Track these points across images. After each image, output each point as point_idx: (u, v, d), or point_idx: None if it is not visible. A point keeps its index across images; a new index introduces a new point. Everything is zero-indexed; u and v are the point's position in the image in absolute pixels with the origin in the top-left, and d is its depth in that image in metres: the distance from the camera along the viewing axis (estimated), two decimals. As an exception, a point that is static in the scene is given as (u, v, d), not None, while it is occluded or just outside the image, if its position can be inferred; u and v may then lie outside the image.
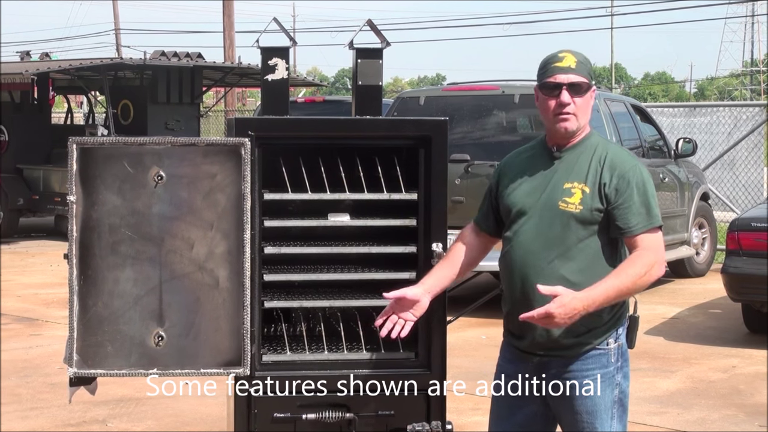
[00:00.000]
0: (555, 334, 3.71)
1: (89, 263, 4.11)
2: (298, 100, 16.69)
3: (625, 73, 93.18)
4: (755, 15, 72.53)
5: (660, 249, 3.68)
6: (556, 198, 3.71)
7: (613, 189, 3.67)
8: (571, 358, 3.75)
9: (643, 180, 3.70)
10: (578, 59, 3.76)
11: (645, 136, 11.89)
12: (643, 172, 3.71)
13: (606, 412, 3.77)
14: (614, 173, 3.69)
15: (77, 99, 27.62)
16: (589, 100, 3.78)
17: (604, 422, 3.77)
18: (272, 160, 4.44)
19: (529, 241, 3.73)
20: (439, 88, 11.64)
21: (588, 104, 3.78)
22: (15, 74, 17.05)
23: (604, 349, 3.76)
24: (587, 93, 3.75)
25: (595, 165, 3.72)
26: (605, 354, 3.76)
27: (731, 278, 8.93)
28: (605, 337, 3.77)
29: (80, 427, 6.59)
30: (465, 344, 8.48)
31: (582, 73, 3.74)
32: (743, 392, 7.46)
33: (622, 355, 3.82)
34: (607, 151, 3.75)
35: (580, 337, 3.72)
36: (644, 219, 3.66)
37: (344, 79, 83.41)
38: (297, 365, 4.39)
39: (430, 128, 4.38)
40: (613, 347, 3.78)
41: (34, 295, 11.60)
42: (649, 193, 3.69)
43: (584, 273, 3.66)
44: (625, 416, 3.86)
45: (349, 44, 4.61)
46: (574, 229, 3.68)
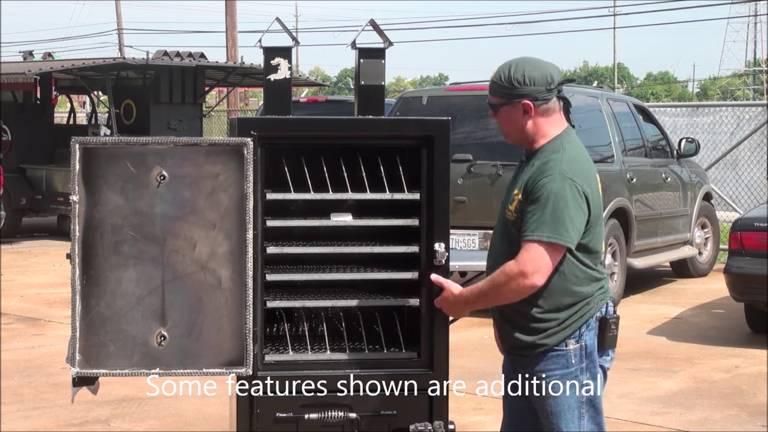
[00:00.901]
0: (511, 334, 3.88)
1: (92, 263, 4.11)
2: (301, 99, 16.70)
3: (628, 72, 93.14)
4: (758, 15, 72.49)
5: (531, 262, 3.69)
6: (506, 204, 3.90)
7: (527, 195, 3.77)
8: (533, 359, 3.85)
9: (548, 193, 3.71)
10: (494, 77, 3.89)
11: (648, 136, 11.89)
12: (553, 186, 3.72)
13: (570, 413, 3.82)
14: (532, 181, 3.78)
15: (80, 99, 27.61)
16: (508, 117, 3.87)
17: (569, 423, 3.82)
18: (275, 160, 4.44)
19: (493, 245, 3.98)
20: (442, 88, 11.64)
21: (505, 121, 3.88)
22: (18, 74, 17.07)
23: (563, 350, 3.81)
24: (501, 110, 3.87)
25: (531, 172, 3.82)
26: (564, 355, 3.81)
27: (734, 278, 8.93)
28: (563, 338, 3.81)
29: (83, 426, 6.60)
30: (467, 344, 8.48)
31: (493, 92, 3.89)
32: (746, 392, 7.46)
33: (587, 356, 3.83)
34: (546, 161, 3.81)
35: (535, 336, 3.81)
36: (532, 228, 3.70)
37: (347, 79, 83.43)
38: (299, 365, 4.39)
39: (432, 128, 4.38)
40: (573, 348, 3.81)
41: (36, 294, 11.60)
42: (549, 206, 3.70)
43: None
44: (599, 417, 3.87)
45: (351, 44, 4.61)
46: (513, 235, 3.83)
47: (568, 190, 3.73)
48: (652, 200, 11.42)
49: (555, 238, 3.69)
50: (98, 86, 18.78)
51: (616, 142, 10.90)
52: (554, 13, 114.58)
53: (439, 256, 4.32)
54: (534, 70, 3.85)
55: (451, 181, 4.45)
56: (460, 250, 9.76)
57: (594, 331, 3.83)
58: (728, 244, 9.37)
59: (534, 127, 3.86)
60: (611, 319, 3.83)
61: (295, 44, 4.59)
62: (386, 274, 4.49)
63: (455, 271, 10.38)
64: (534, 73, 3.83)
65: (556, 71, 3.89)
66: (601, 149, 10.82)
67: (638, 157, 11.51)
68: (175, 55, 17.10)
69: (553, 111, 3.88)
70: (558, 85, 3.87)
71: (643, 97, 65.23)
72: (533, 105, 3.83)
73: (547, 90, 3.84)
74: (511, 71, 3.84)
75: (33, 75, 16.92)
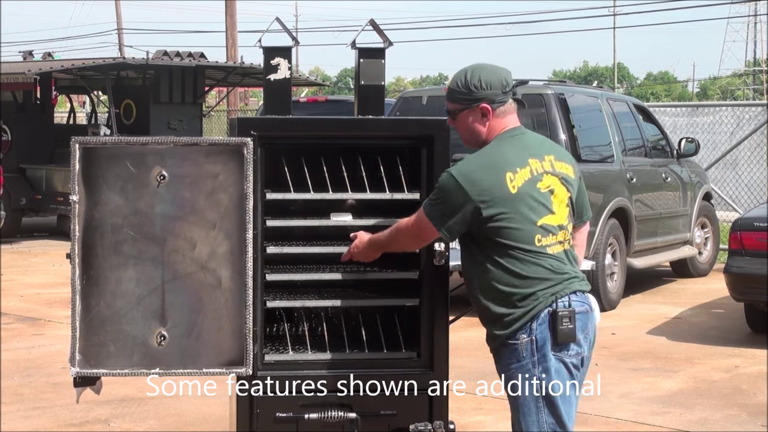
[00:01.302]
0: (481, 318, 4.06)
1: (92, 263, 4.11)
2: (301, 99, 16.69)
3: (628, 72, 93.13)
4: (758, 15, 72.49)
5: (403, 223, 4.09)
6: None
7: None
8: (494, 353, 4.02)
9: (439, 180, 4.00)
10: (450, 84, 4.07)
11: (647, 135, 11.89)
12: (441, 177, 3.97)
13: (527, 407, 3.89)
14: None
15: (80, 99, 27.61)
16: (467, 118, 4.03)
17: (527, 416, 3.89)
18: (275, 160, 4.44)
19: None
20: (442, 88, 11.63)
21: (466, 122, 4.04)
22: (18, 74, 17.06)
23: (515, 343, 3.90)
24: (461, 114, 4.03)
25: None
26: (516, 348, 3.90)
27: (734, 278, 8.93)
28: (514, 330, 3.89)
29: (83, 426, 6.59)
30: (467, 344, 8.48)
31: (451, 99, 4.07)
32: (746, 392, 7.46)
33: (538, 349, 3.87)
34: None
35: (489, 325, 3.98)
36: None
37: (347, 79, 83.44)
38: (299, 365, 4.39)
39: (432, 128, 4.39)
40: (524, 341, 3.88)
41: (36, 294, 11.60)
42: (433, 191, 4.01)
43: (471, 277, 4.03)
44: (558, 410, 3.88)
45: (351, 44, 4.61)
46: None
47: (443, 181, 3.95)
48: (652, 200, 11.42)
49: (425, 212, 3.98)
50: (98, 86, 18.77)
51: (616, 142, 10.90)
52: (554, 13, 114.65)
53: (439, 255, 4.32)
54: (489, 75, 4.00)
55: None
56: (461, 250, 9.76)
57: (545, 325, 3.86)
58: (728, 244, 9.36)
59: (488, 130, 4.02)
60: (562, 312, 3.85)
61: (295, 44, 4.59)
62: (386, 274, 4.50)
63: (455, 271, 10.39)
64: (490, 78, 3.99)
65: (510, 75, 4.05)
66: (601, 149, 10.82)
67: (638, 157, 11.51)
68: (175, 55, 17.10)
69: (508, 112, 4.03)
70: (512, 88, 4.02)
71: (643, 97, 65.24)
72: (491, 108, 3.98)
73: (503, 92, 3.99)
74: (468, 77, 4.00)
75: (33, 75, 16.91)
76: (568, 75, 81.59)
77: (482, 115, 3.98)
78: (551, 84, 10.77)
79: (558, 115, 10.00)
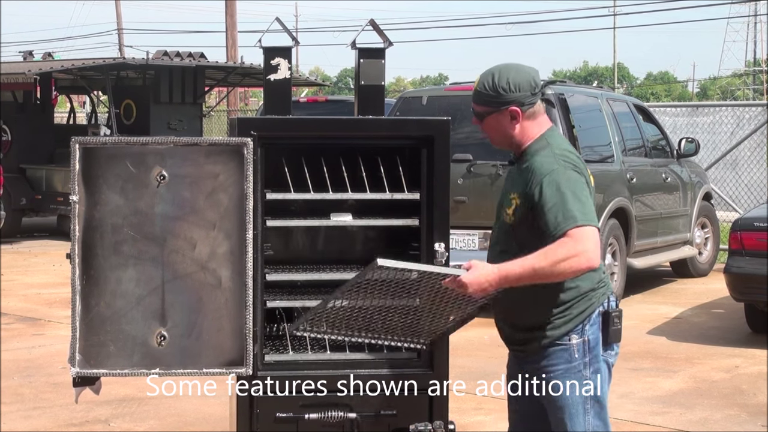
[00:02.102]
0: (510, 332, 3.89)
1: (92, 263, 4.11)
2: (301, 99, 16.69)
3: (628, 72, 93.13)
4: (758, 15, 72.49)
5: (583, 242, 3.64)
6: (503, 207, 3.90)
7: (533, 196, 3.75)
8: (534, 354, 3.85)
9: (558, 183, 3.72)
10: (477, 86, 3.88)
11: (647, 135, 11.89)
12: (559, 176, 3.73)
13: (575, 408, 3.81)
14: (534, 180, 3.76)
15: (80, 99, 27.61)
16: (496, 121, 3.86)
17: (574, 418, 3.81)
18: (275, 160, 4.44)
19: (491, 247, 3.96)
20: (442, 88, 11.64)
21: (495, 124, 3.87)
22: (18, 74, 17.06)
23: (565, 345, 3.81)
24: (487, 119, 3.87)
25: (526, 175, 3.81)
26: (567, 349, 3.81)
27: (734, 278, 8.93)
28: (566, 331, 3.81)
29: (83, 426, 6.59)
30: (467, 344, 8.48)
31: (477, 101, 3.88)
32: (746, 392, 7.46)
33: (590, 350, 3.83)
34: (535, 160, 3.82)
35: (534, 332, 3.82)
36: (562, 221, 3.67)
37: (347, 79, 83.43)
38: (299, 365, 4.39)
39: (432, 128, 4.39)
40: (576, 342, 3.80)
41: (36, 294, 11.60)
42: (565, 194, 3.70)
43: None
44: (604, 413, 3.87)
45: (351, 44, 4.61)
46: (513, 236, 3.84)
47: (570, 177, 3.75)
48: (652, 200, 11.42)
49: (585, 221, 3.68)
50: (98, 86, 18.77)
51: (616, 142, 10.90)
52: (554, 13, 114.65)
53: (439, 256, 4.32)
54: (518, 76, 3.85)
55: (451, 181, 4.46)
56: (460, 250, 9.76)
57: (597, 325, 3.83)
58: (728, 244, 9.36)
59: (521, 131, 3.87)
60: (614, 312, 3.83)
61: (295, 44, 4.60)
62: (386, 274, 4.49)
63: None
64: (518, 79, 3.84)
65: (538, 75, 3.91)
66: (601, 149, 10.82)
67: (638, 157, 11.51)
68: (175, 55, 17.10)
69: (538, 113, 3.89)
70: (541, 88, 3.91)
71: (643, 97, 65.23)
72: (521, 110, 3.84)
73: (532, 94, 3.85)
74: (496, 79, 3.84)
75: (33, 75, 16.91)
76: (568, 75, 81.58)
77: (512, 118, 3.83)
78: (551, 84, 10.76)
79: (558, 115, 10.00)
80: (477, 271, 3.66)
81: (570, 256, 3.62)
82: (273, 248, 4.62)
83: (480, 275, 3.66)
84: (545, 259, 3.63)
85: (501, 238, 3.90)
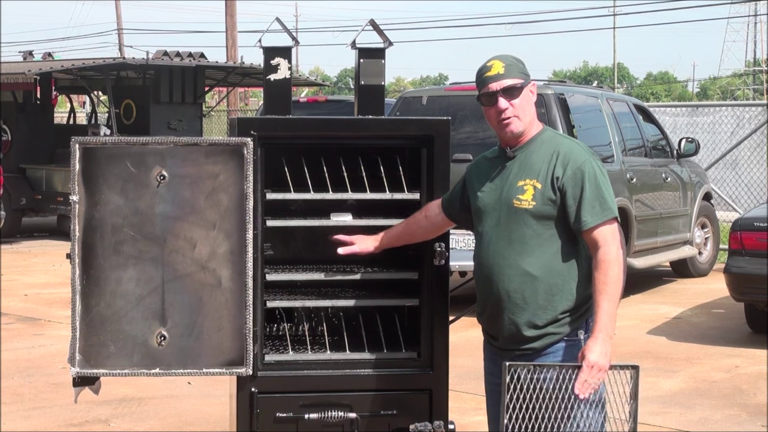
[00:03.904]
0: (520, 329, 3.84)
1: (92, 263, 4.11)
2: (301, 99, 16.69)
3: (628, 72, 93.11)
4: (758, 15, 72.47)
5: (615, 239, 3.75)
6: (511, 196, 3.85)
7: (566, 182, 3.78)
8: (543, 350, 3.84)
9: (594, 173, 3.79)
10: (506, 63, 3.88)
11: (647, 135, 11.89)
12: (594, 165, 3.81)
13: (582, 403, 3.78)
14: (567, 167, 3.79)
15: (80, 99, 27.59)
16: (528, 98, 3.89)
17: (578, 416, 3.79)
18: (275, 160, 4.44)
19: (492, 242, 3.88)
20: (442, 88, 11.64)
21: (527, 102, 3.89)
22: (18, 74, 17.06)
23: (574, 340, 3.82)
24: (523, 92, 3.87)
25: (548, 160, 3.82)
26: (576, 345, 3.81)
27: (734, 278, 8.93)
28: (574, 328, 3.83)
29: (83, 426, 6.60)
30: (467, 344, 8.48)
31: (512, 75, 3.86)
32: (746, 392, 7.46)
33: None
34: (561, 146, 3.85)
35: (545, 328, 3.81)
36: (598, 213, 3.75)
37: (347, 79, 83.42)
38: (299, 365, 4.39)
39: (432, 128, 4.38)
40: (583, 338, 3.81)
41: (36, 294, 11.60)
42: (602, 185, 3.78)
43: (545, 266, 3.79)
44: (605, 409, 3.86)
45: (351, 44, 4.61)
46: (530, 224, 3.81)
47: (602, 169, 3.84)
48: (652, 200, 11.42)
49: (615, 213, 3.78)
50: (98, 86, 18.77)
51: (616, 142, 10.90)
52: (554, 13, 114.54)
53: (439, 256, 4.32)
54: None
55: (451, 181, 4.45)
56: (460, 250, 9.76)
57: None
58: (728, 244, 9.36)
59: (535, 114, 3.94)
60: None
61: (294, 44, 4.59)
62: (386, 274, 4.50)
63: (455, 271, 10.40)
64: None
65: None
66: (601, 149, 10.81)
67: (638, 157, 11.51)
68: (175, 55, 17.10)
69: None
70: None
71: (643, 97, 65.21)
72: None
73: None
74: (514, 57, 3.91)
75: (33, 75, 16.91)
76: (568, 75, 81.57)
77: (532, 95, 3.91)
78: (551, 84, 10.77)
79: (558, 115, 10.00)
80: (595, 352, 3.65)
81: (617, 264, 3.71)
82: (273, 248, 4.62)
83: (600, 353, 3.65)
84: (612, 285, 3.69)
85: (514, 226, 3.83)
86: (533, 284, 3.79)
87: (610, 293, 3.68)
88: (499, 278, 3.84)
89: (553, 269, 3.78)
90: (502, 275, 3.83)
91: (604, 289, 3.69)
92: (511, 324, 3.85)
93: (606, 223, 3.75)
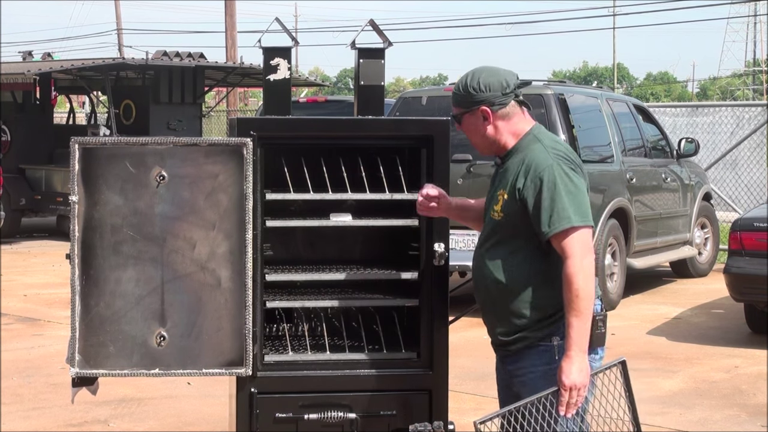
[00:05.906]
0: (495, 333, 3.92)
1: (91, 263, 4.11)
2: (300, 100, 16.69)
3: (628, 73, 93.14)
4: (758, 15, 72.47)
5: (577, 249, 3.69)
6: (490, 206, 3.94)
7: (525, 192, 3.78)
8: (517, 354, 3.87)
9: (554, 180, 3.74)
10: (454, 89, 3.95)
11: (647, 136, 11.89)
12: (556, 173, 3.75)
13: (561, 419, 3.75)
14: (528, 176, 3.79)
15: (79, 99, 27.59)
16: (473, 122, 3.92)
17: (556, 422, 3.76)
18: (274, 160, 4.44)
19: (477, 248, 3.99)
20: (441, 88, 11.63)
21: (469, 126, 3.94)
22: (17, 74, 17.06)
23: (546, 345, 3.82)
24: (464, 118, 3.93)
25: (515, 170, 3.84)
26: (548, 350, 3.81)
27: (734, 278, 8.92)
28: (546, 333, 3.82)
29: (82, 427, 6.59)
30: (467, 344, 8.48)
31: (456, 103, 3.95)
32: (745, 392, 7.46)
33: None
34: (528, 153, 3.85)
35: (516, 334, 3.84)
36: (554, 222, 3.71)
37: (346, 79, 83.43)
38: (299, 365, 4.39)
39: (432, 128, 4.38)
40: (557, 344, 3.80)
41: (36, 295, 11.60)
42: (561, 193, 3.72)
43: (513, 274, 3.81)
44: (584, 415, 3.85)
45: (351, 44, 4.61)
46: (501, 234, 3.86)
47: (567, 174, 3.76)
48: (651, 200, 11.42)
49: (581, 221, 3.72)
50: (98, 86, 18.77)
51: (616, 142, 10.90)
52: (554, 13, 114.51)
53: (439, 256, 4.32)
54: (489, 76, 3.90)
55: (451, 181, 4.46)
56: (460, 250, 9.75)
57: None
58: (728, 244, 9.36)
59: (496, 132, 3.91)
60: (598, 316, 3.82)
61: (294, 44, 4.60)
62: (386, 274, 4.49)
63: (455, 271, 10.39)
64: (489, 79, 3.88)
65: (512, 77, 3.92)
66: (600, 149, 10.82)
67: (638, 157, 11.51)
68: (175, 55, 17.09)
69: (513, 114, 3.91)
70: (514, 89, 3.90)
71: (643, 97, 65.24)
72: (490, 110, 3.88)
73: (503, 94, 3.87)
74: (468, 80, 3.91)
75: (32, 75, 16.91)
76: (568, 75, 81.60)
77: (483, 119, 3.88)
78: (551, 84, 10.76)
79: (558, 115, 10.00)
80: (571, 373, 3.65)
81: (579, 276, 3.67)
82: (272, 248, 4.62)
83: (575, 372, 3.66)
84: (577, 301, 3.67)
85: (490, 236, 3.91)
86: (503, 291, 3.84)
87: (576, 308, 3.67)
88: (477, 284, 3.95)
89: (520, 277, 3.81)
90: (479, 282, 3.94)
91: (569, 306, 3.69)
92: (490, 327, 3.97)
93: (569, 232, 3.69)
